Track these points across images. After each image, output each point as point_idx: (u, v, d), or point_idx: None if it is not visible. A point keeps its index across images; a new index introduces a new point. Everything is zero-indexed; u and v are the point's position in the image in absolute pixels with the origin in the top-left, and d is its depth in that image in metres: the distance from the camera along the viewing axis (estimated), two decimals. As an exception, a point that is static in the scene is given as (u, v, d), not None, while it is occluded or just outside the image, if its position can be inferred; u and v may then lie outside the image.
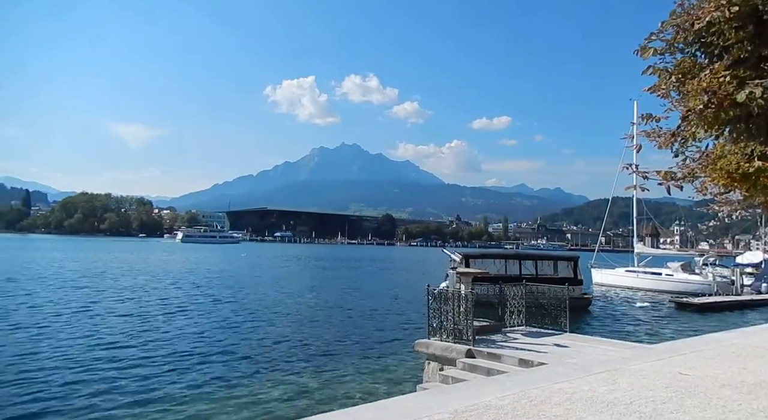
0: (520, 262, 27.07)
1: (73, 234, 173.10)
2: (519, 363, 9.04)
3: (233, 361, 13.71)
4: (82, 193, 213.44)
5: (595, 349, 9.99)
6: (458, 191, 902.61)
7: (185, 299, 25.98)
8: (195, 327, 18.52)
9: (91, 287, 29.45)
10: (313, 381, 11.93)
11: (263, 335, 17.47)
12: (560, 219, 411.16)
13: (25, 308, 21.15)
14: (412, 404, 6.03)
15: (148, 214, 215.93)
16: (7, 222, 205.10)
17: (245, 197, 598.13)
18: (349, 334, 18.02)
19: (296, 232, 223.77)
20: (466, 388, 7.13)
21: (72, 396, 10.36)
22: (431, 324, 10.74)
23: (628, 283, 38.63)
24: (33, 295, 25.21)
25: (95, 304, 23.10)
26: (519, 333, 11.52)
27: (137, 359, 13.46)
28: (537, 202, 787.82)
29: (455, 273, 11.69)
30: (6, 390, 10.62)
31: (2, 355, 13.34)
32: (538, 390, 6.23)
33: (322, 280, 41.17)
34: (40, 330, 16.76)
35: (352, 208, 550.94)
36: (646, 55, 4.80)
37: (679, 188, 5.21)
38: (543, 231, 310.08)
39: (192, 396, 10.60)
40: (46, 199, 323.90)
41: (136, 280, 34.55)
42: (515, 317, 12.18)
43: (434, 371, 10.22)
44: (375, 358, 14.47)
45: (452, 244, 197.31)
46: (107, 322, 18.80)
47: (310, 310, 24.15)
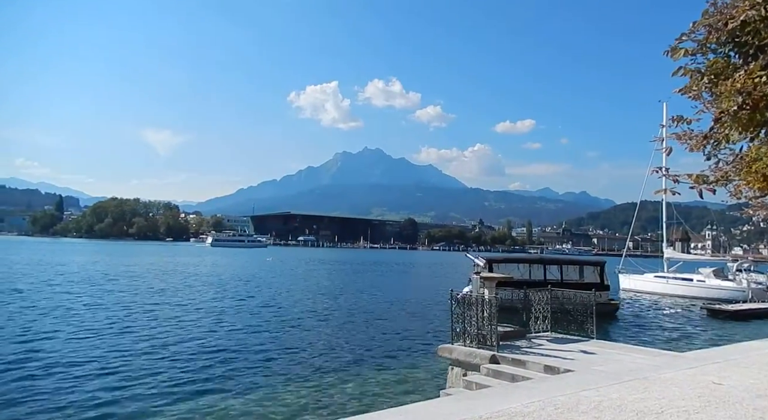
0: (544, 267, 26.66)
1: (103, 238, 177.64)
2: (544, 369, 8.89)
3: (257, 363, 13.85)
4: (112, 198, 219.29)
5: (624, 356, 9.76)
6: (481, 195, 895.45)
7: (214, 303, 26.36)
8: (221, 330, 18.77)
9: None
10: (335, 384, 11.95)
11: (287, 339, 17.60)
12: (586, 223, 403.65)
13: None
14: (435, 410, 5.99)
15: (174, 218, 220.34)
16: (42, 226, 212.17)
17: (269, 202, 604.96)
18: (372, 338, 18.02)
19: (319, 236, 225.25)
20: (490, 395, 7.05)
21: (106, 393, 10.63)
22: (454, 329, 10.65)
23: (658, 289, 37.65)
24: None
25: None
26: (544, 339, 11.34)
27: (179, 358, 13.74)
28: (562, 206, 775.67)
29: (479, 277, 11.59)
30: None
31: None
32: (565, 397, 6.11)
33: (345, 284, 41.29)
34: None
35: (375, 213, 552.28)
36: (677, 55, 4.69)
37: (712, 192, 5.06)
38: (568, 235, 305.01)
39: (215, 398, 10.73)
40: (78, 204, 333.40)
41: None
42: (540, 323, 11.99)
43: (458, 377, 10.13)
44: (398, 362, 14.42)
45: (475, 248, 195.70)
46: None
47: (334, 314, 24.24)
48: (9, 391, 10.68)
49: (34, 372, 12.16)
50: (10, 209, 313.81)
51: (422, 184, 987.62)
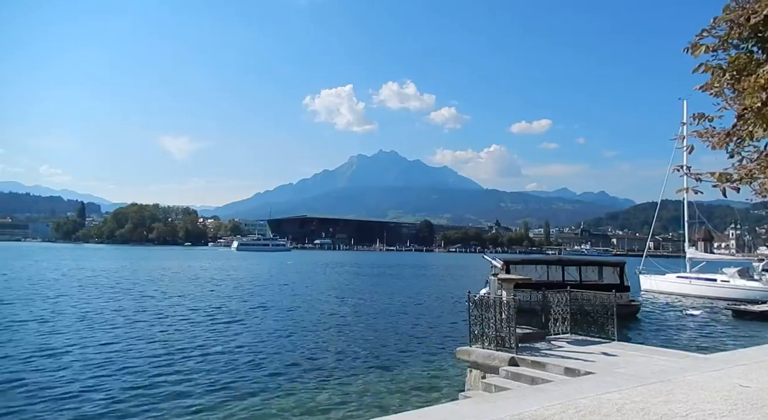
0: (562, 268, 26.35)
1: (123, 243, 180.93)
2: (565, 372, 8.78)
3: (274, 366, 13.93)
4: (132, 204, 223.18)
5: (646, 358, 9.58)
6: (497, 196, 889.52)
7: (236, 306, 26.63)
8: (244, 333, 18.95)
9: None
10: (353, 387, 11.96)
11: (305, 342, 17.68)
12: (605, 223, 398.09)
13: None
14: (455, 412, 5.97)
15: (193, 223, 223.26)
16: (64, 232, 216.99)
17: (286, 205, 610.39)
18: (389, 341, 18.00)
19: (335, 239, 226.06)
20: (510, 397, 6.99)
21: (131, 395, 10.81)
22: (472, 331, 10.59)
23: (680, 289, 36.91)
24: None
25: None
26: (564, 341, 11.20)
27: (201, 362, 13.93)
28: (580, 206, 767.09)
29: (496, 279, 11.51)
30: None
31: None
32: (586, 400, 6.04)
33: (362, 287, 41.35)
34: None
35: (391, 215, 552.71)
36: (698, 52, 4.61)
37: (736, 190, 4.95)
38: (587, 236, 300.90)
39: (234, 400, 10.82)
40: (99, 210, 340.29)
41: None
42: (559, 325, 11.85)
43: (476, 379, 10.07)
44: (415, 364, 14.37)
45: (492, 250, 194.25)
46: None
47: (351, 316, 24.28)
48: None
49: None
50: (34, 216, 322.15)
51: (438, 185, 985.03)
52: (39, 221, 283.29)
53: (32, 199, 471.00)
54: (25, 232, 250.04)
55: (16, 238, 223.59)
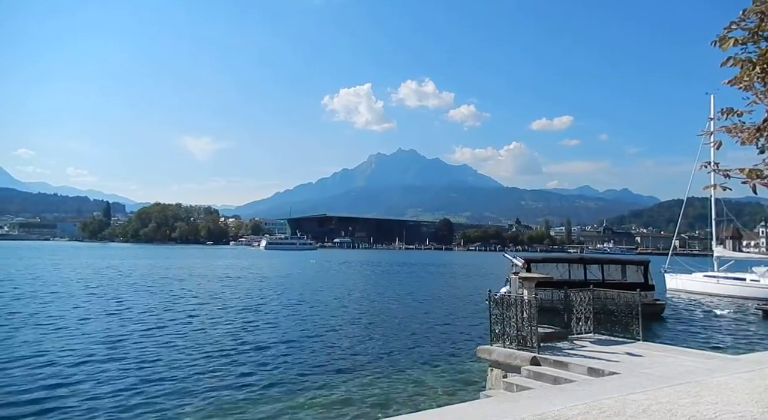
0: (584, 267, 26.00)
1: (147, 242, 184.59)
2: (588, 372, 8.66)
3: (295, 364, 14.06)
4: (155, 204, 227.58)
5: (673, 359, 9.39)
6: (517, 194, 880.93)
7: (261, 303, 26.97)
8: (271, 331, 19.17)
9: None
10: (373, 385, 12.00)
11: (326, 339, 17.80)
12: (628, 221, 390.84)
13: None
14: (476, 411, 5.94)
15: (214, 222, 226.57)
16: (91, 232, 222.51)
17: (305, 204, 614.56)
18: (409, 339, 18.00)
19: (354, 237, 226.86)
20: (532, 397, 6.93)
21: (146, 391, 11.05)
22: (493, 330, 10.52)
23: (707, 289, 36.04)
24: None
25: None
26: (587, 341, 11.05)
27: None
28: (602, 204, 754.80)
29: (517, 278, 11.41)
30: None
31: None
32: (611, 401, 5.94)
33: (383, 285, 41.44)
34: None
35: (410, 214, 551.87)
36: (726, 45, 4.49)
37: (767, 187, 4.82)
38: (609, 234, 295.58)
39: (253, 398, 10.94)
40: (124, 210, 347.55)
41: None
42: (582, 324, 11.68)
43: (497, 378, 10.00)
44: (436, 363, 14.34)
45: (512, 248, 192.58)
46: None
47: (372, 314, 24.36)
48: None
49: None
50: (62, 216, 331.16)
51: (457, 184, 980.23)
52: (66, 221, 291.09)
53: (60, 199, 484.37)
54: (53, 232, 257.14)
55: (44, 238, 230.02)
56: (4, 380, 11.67)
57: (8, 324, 18.75)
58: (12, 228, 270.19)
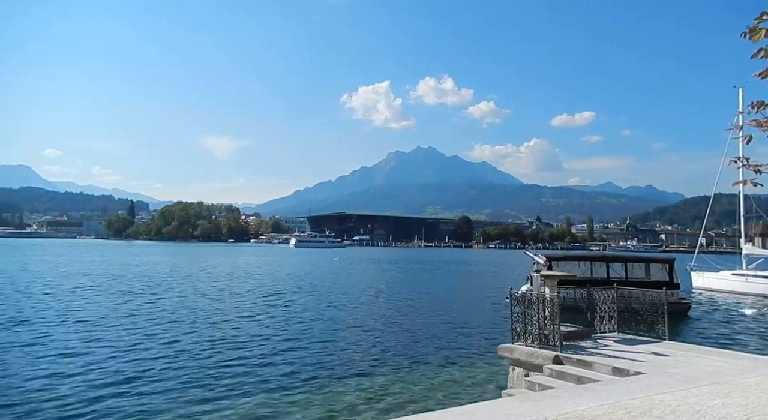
0: (607, 265, 25.56)
1: (170, 240, 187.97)
2: (613, 371, 8.52)
3: (314, 361, 14.15)
4: (178, 202, 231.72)
5: (700, 359, 9.17)
6: (538, 191, 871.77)
7: (288, 300, 27.29)
8: (282, 326, 19.37)
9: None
10: (394, 383, 12.01)
11: (345, 336, 17.90)
12: (652, 219, 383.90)
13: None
14: (498, 410, 5.90)
15: (235, 220, 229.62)
16: (116, 230, 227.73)
17: (325, 202, 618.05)
18: (429, 337, 17.96)
19: (374, 235, 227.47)
20: (555, 396, 6.84)
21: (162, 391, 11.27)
22: (515, 328, 10.42)
23: (736, 287, 35.11)
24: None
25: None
26: (611, 340, 10.87)
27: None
28: (625, 200, 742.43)
29: (539, 276, 11.28)
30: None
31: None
32: (637, 401, 5.84)
33: (402, 283, 41.45)
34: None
35: (429, 211, 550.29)
36: (757, 37, 4.36)
37: (801, 181, 4.66)
38: (633, 232, 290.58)
39: (271, 397, 11.02)
40: (147, 209, 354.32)
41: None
42: (606, 323, 11.49)
43: (519, 377, 9.91)
44: (456, 361, 14.29)
45: (532, 246, 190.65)
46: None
47: (392, 311, 24.41)
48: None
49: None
50: (88, 214, 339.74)
51: (476, 181, 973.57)
52: (92, 219, 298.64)
53: (86, 198, 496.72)
54: (80, 230, 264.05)
55: (71, 236, 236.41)
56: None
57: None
58: (40, 226, 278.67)
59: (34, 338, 16.01)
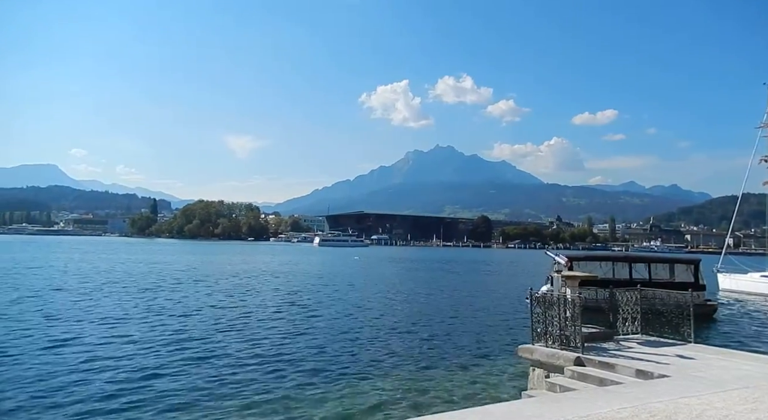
0: (630, 265, 25.09)
1: (191, 238, 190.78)
2: (636, 374, 8.36)
3: (332, 360, 14.20)
4: (199, 201, 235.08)
5: (727, 362, 8.95)
6: (559, 191, 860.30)
7: (308, 299, 27.52)
8: (308, 324, 19.52)
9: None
10: (414, 382, 11.99)
11: (366, 335, 17.93)
12: (677, 219, 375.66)
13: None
14: (519, 411, 5.84)
15: (255, 219, 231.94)
16: (139, 228, 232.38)
17: (343, 201, 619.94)
18: (449, 337, 17.89)
19: (392, 234, 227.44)
20: (577, 398, 6.75)
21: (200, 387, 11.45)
22: (535, 329, 10.31)
23: (764, 289, 34.14)
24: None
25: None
26: (634, 342, 10.67)
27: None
28: (649, 200, 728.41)
29: (560, 276, 11.13)
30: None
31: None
32: (662, 404, 5.72)
33: (421, 282, 41.36)
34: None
35: (447, 211, 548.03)
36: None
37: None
38: (657, 232, 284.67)
39: (294, 394, 11.09)
40: (169, 207, 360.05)
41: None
42: (629, 325, 11.28)
43: (540, 378, 9.80)
44: (475, 361, 14.20)
45: (553, 246, 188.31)
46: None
47: (411, 311, 24.38)
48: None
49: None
50: (112, 212, 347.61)
51: (495, 180, 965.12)
52: (116, 217, 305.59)
53: (110, 196, 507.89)
54: (104, 228, 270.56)
55: (96, 233, 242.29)
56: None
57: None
58: (67, 224, 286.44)
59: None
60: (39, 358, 13.33)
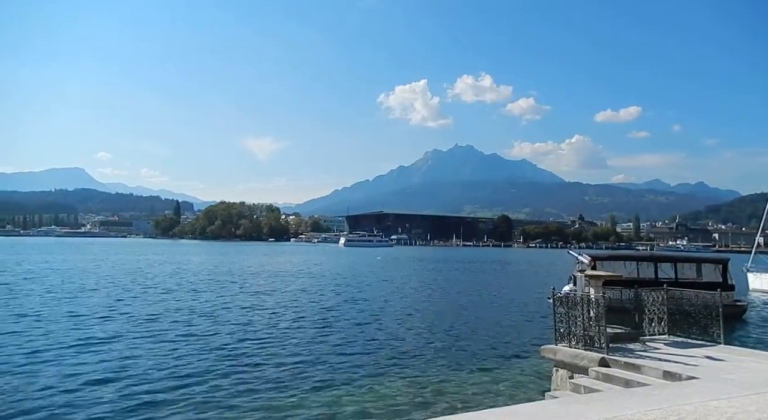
0: (655, 265, 24.57)
1: (213, 239, 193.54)
2: (663, 375, 8.18)
3: (355, 360, 14.22)
4: (221, 202, 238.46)
5: (759, 364, 8.69)
6: (581, 189, 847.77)
7: (327, 299, 27.72)
8: (326, 325, 19.63)
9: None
10: (433, 381, 11.94)
11: (386, 335, 17.92)
12: (704, 217, 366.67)
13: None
14: (543, 412, 5.78)
15: (276, 220, 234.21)
16: (163, 229, 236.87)
17: (362, 202, 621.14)
18: (470, 336, 17.78)
19: (411, 234, 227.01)
20: (602, 399, 6.64)
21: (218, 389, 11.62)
22: (558, 329, 10.18)
23: (797, 290, 33.09)
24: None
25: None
26: (661, 342, 10.45)
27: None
28: (674, 198, 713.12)
29: (583, 276, 10.97)
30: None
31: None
32: (690, 407, 5.59)
33: (442, 282, 41.23)
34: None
35: (467, 210, 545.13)
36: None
37: None
38: (683, 231, 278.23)
39: (312, 393, 11.15)
40: (192, 209, 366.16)
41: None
42: (655, 325, 11.06)
43: (563, 379, 9.67)
44: (497, 361, 14.08)
45: (575, 245, 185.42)
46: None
47: (433, 311, 24.32)
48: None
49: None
50: (137, 214, 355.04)
51: (516, 179, 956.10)
52: (141, 219, 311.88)
53: (135, 198, 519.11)
54: (129, 229, 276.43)
55: (122, 235, 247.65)
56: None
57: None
58: (94, 226, 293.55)
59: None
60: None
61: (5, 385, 10.94)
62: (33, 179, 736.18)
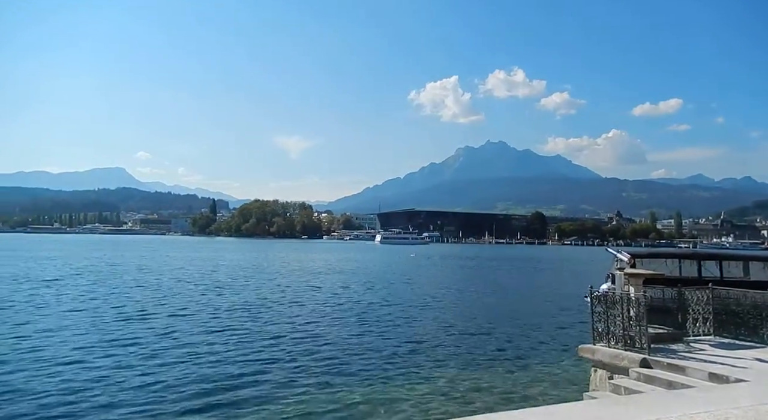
0: (699, 263, 23.58)
1: (248, 236, 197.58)
2: (709, 377, 7.88)
3: (392, 357, 14.30)
4: (255, 201, 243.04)
5: (814, 367, 8.25)
6: (618, 185, 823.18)
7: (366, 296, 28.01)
8: (351, 323, 19.81)
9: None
10: (470, 379, 11.90)
11: (422, 333, 17.97)
12: (752, 213, 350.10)
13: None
14: (583, 413, 5.66)
15: (309, 217, 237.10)
16: (200, 227, 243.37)
17: (394, 199, 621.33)
18: (507, 335, 17.64)
19: (443, 232, 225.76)
20: (644, 401, 6.45)
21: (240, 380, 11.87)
22: (596, 329, 9.94)
23: None
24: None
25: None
26: (706, 344, 10.06)
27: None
28: (719, 194, 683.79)
29: (623, 274, 10.67)
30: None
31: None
32: (739, 411, 5.36)
33: (476, 280, 41.00)
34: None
35: (499, 207, 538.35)
36: None
37: None
38: (728, 227, 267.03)
39: (351, 391, 11.28)
40: (227, 207, 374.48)
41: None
42: (700, 325, 10.65)
43: (602, 380, 9.44)
44: (534, 360, 13.92)
45: (612, 242, 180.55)
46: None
47: (468, 309, 24.24)
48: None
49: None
50: (175, 212, 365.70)
51: (550, 175, 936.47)
52: (179, 217, 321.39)
53: (173, 197, 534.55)
54: (168, 227, 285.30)
55: (161, 232, 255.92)
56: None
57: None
58: (134, 224, 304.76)
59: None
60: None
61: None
62: (77, 179, 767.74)
